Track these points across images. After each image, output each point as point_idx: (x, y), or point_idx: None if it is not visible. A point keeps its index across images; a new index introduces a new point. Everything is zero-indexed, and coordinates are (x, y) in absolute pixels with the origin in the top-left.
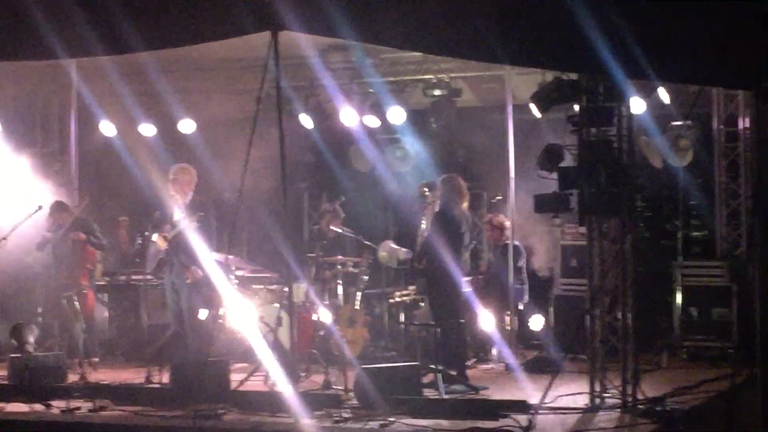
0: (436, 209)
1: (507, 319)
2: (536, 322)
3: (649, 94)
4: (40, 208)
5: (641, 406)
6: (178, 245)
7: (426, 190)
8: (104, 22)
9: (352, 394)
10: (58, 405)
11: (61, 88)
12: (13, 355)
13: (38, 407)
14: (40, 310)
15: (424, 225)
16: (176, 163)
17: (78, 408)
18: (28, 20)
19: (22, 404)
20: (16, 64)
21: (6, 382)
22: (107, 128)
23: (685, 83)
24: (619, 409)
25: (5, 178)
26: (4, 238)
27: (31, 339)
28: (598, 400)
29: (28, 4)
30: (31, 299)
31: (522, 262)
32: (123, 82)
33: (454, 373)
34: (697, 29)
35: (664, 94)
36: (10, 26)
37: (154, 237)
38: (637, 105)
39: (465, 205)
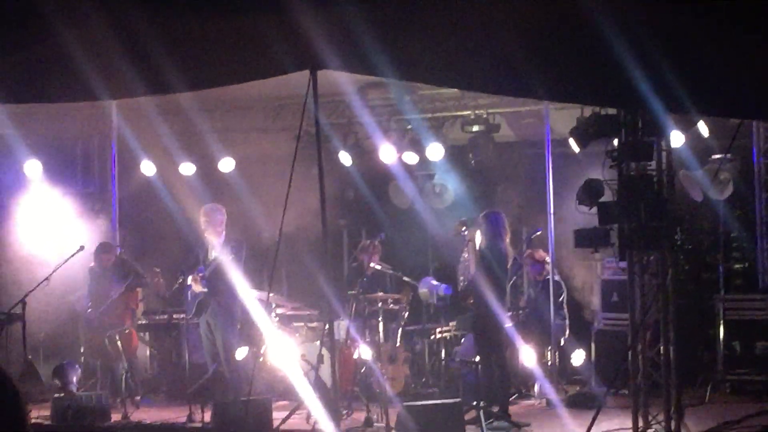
0: (477, 245)
1: (548, 354)
2: (578, 357)
3: (688, 127)
4: (81, 248)
5: None
6: (215, 285)
7: (464, 227)
8: (145, 63)
9: (394, 431)
10: None
11: (101, 128)
12: (56, 396)
13: None
14: (82, 349)
15: (464, 262)
16: (210, 203)
17: None
18: (70, 62)
19: None
20: (56, 104)
21: (49, 423)
22: (147, 168)
23: (724, 117)
24: None
25: (47, 219)
26: (46, 279)
27: (74, 379)
28: None
29: (70, 46)
30: (74, 339)
31: (563, 297)
32: (162, 122)
33: (496, 409)
34: (737, 62)
35: (703, 128)
36: (52, 68)
37: (189, 280)
38: (677, 138)
39: (508, 239)
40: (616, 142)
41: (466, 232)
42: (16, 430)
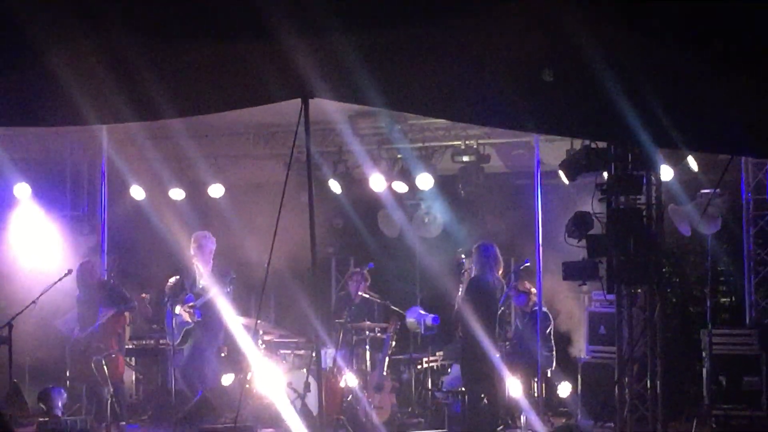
0: (471, 276)
1: (535, 385)
2: (564, 389)
3: (678, 162)
4: (69, 272)
5: None
6: (205, 315)
7: (463, 257)
8: (135, 89)
9: None
10: None
11: (91, 152)
12: (41, 419)
13: None
14: (68, 374)
15: (461, 292)
16: (202, 229)
17: None
18: (60, 86)
19: None
20: (46, 128)
21: None
22: (137, 192)
23: (714, 152)
24: None
25: (35, 242)
26: (33, 302)
27: (60, 403)
28: None
29: (60, 70)
30: (60, 363)
31: (550, 329)
32: (152, 146)
33: None
34: (727, 99)
35: (693, 162)
36: (42, 92)
37: (178, 310)
38: (666, 172)
39: (500, 271)
40: (605, 174)
41: (464, 261)
42: None
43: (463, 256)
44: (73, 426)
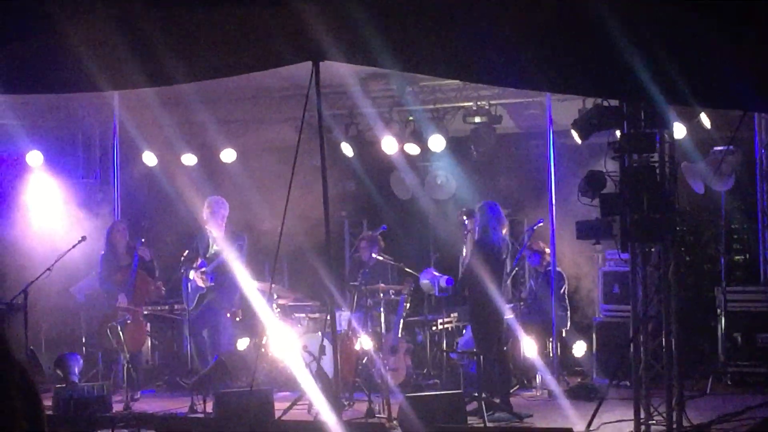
0: (476, 237)
1: (549, 345)
2: (579, 349)
3: (690, 119)
4: (83, 239)
5: None
6: (218, 280)
7: (465, 217)
8: (147, 54)
9: (396, 422)
10: None
11: (103, 119)
12: (57, 386)
13: None
14: (83, 340)
15: (464, 253)
16: (215, 194)
17: None
18: (72, 52)
19: None
20: (58, 95)
21: (51, 413)
22: (149, 158)
23: (727, 109)
24: None
25: (49, 209)
26: (48, 269)
27: (76, 370)
28: (643, 428)
29: (72, 36)
30: (75, 329)
31: (564, 289)
32: (164, 112)
33: (497, 400)
34: (739, 54)
35: (705, 119)
36: (54, 58)
37: (191, 275)
38: (679, 130)
39: (504, 231)
40: (618, 133)
41: (466, 221)
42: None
43: (464, 217)
44: (89, 392)
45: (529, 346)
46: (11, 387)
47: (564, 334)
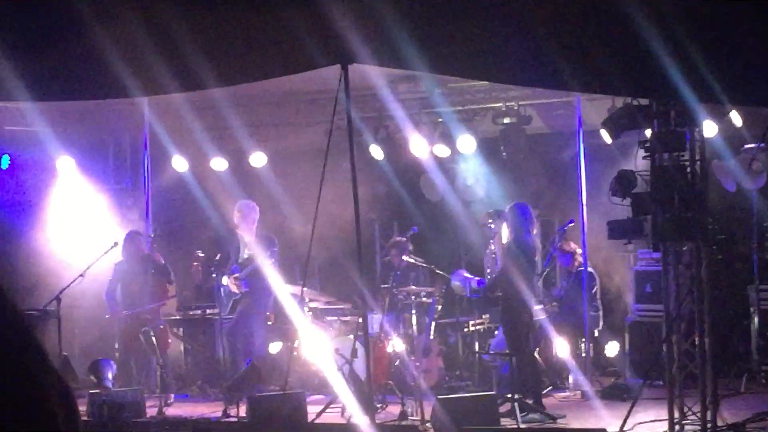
0: (504, 238)
1: (582, 346)
2: (612, 349)
3: (721, 117)
4: (115, 244)
5: None
6: (252, 285)
7: (491, 219)
8: (177, 60)
9: (428, 424)
10: None
11: (134, 124)
12: (92, 392)
13: None
14: (117, 345)
15: (490, 254)
16: (245, 198)
17: None
18: (103, 59)
19: None
20: (88, 102)
21: (85, 419)
22: (179, 163)
23: (757, 106)
24: None
25: (80, 215)
26: (80, 275)
27: (110, 375)
28: (677, 427)
29: (103, 43)
30: (109, 335)
31: (595, 289)
32: (194, 117)
33: (530, 401)
34: None
35: (736, 117)
36: (85, 65)
37: (225, 281)
38: (710, 128)
39: (535, 232)
40: (648, 132)
41: (493, 225)
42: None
43: (490, 220)
44: (123, 397)
45: (561, 347)
46: (50, 392)
47: (596, 335)
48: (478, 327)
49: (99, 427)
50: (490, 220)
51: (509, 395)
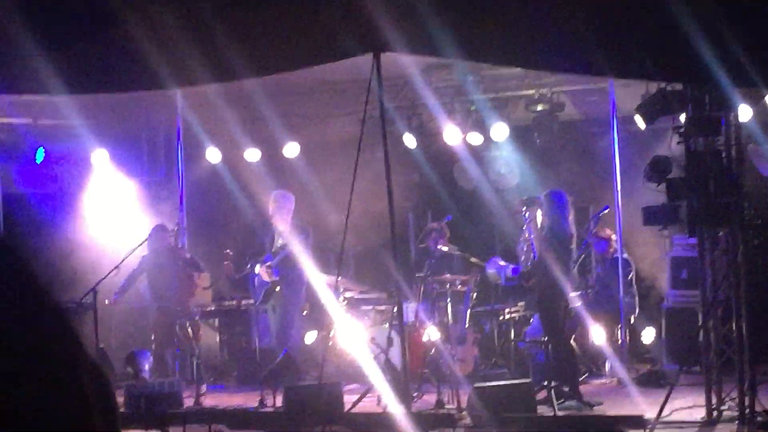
0: (538, 225)
1: (618, 332)
2: (648, 336)
3: (756, 101)
4: (150, 236)
5: (760, 418)
6: (284, 274)
7: (524, 207)
8: (210, 51)
9: (465, 413)
10: (174, 431)
11: (167, 116)
12: (129, 383)
13: None
14: (153, 337)
15: (524, 242)
16: (278, 189)
17: None
18: (136, 51)
19: (139, 431)
20: (120, 94)
21: (123, 410)
22: (212, 154)
23: None
24: (737, 422)
25: (115, 208)
26: (116, 268)
27: (146, 366)
28: (715, 413)
29: (136, 35)
30: (145, 327)
31: (631, 275)
32: (227, 108)
33: (567, 389)
34: None
35: None
36: (119, 59)
37: (257, 269)
38: (745, 112)
39: (571, 218)
40: (683, 117)
41: (527, 213)
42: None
43: (524, 208)
44: (160, 388)
45: (597, 334)
46: (86, 383)
47: (632, 321)
48: (513, 315)
49: (136, 418)
50: (524, 208)
51: (545, 383)
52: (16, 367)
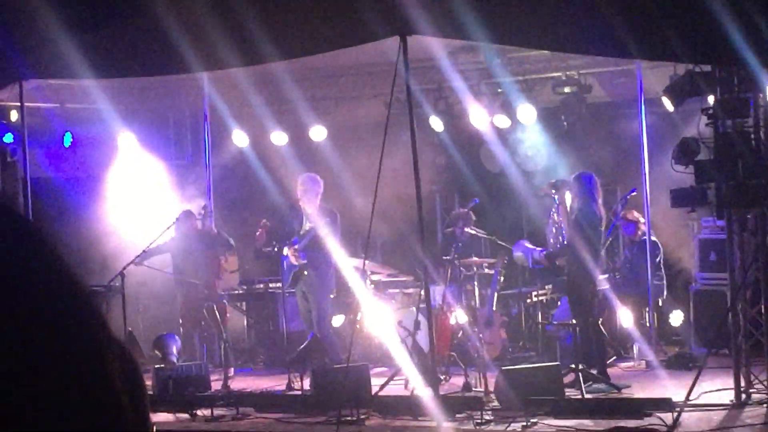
0: (567, 208)
1: (646, 315)
2: (676, 318)
3: None
4: (178, 220)
5: None
6: (311, 256)
7: (553, 190)
8: (238, 34)
9: (493, 396)
10: (202, 414)
11: (193, 100)
12: (157, 366)
13: (183, 417)
14: (180, 320)
15: (552, 224)
16: (306, 172)
17: (222, 416)
18: (164, 35)
19: (167, 414)
20: (147, 78)
21: (151, 393)
22: (239, 138)
23: None
24: (766, 405)
25: (142, 191)
26: (144, 251)
27: (174, 350)
28: (744, 396)
29: (163, 19)
30: (173, 310)
31: (659, 258)
32: (253, 92)
33: (594, 372)
34: None
35: None
36: (147, 43)
37: (285, 251)
38: None
39: (600, 201)
40: (711, 99)
41: (555, 195)
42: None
43: (553, 190)
44: (188, 371)
45: (625, 317)
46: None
47: (660, 304)
48: (540, 298)
49: (164, 401)
50: (553, 190)
51: (573, 365)
52: (42, 353)
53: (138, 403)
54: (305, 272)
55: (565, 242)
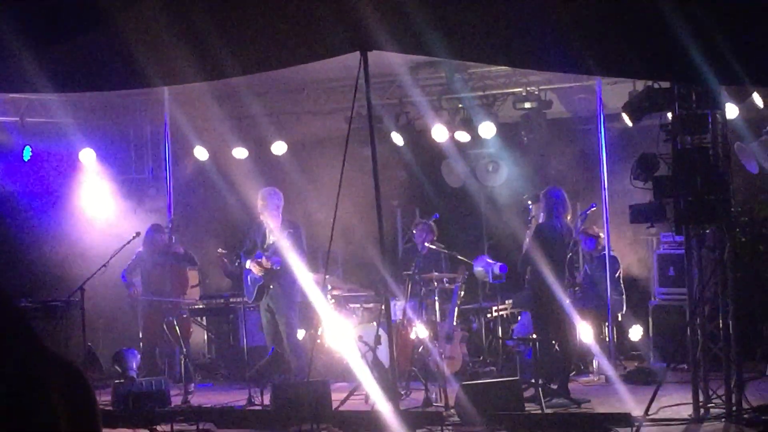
0: (539, 221)
1: (605, 330)
2: (635, 333)
3: (743, 99)
4: (137, 234)
5: (746, 416)
6: (275, 269)
7: (530, 203)
8: (198, 48)
9: (453, 410)
10: (162, 429)
11: (154, 114)
12: (116, 382)
13: None
14: (141, 335)
15: (528, 238)
16: (267, 186)
17: None
18: (124, 49)
19: (126, 430)
20: (109, 92)
21: (110, 408)
22: (200, 153)
23: None
24: (724, 419)
25: (102, 206)
26: (103, 266)
27: (134, 365)
28: (702, 410)
29: (124, 33)
30: (133, 325)
31: (618, 273)
32: (214, 106)
33: (554, 386)
34: None
35: (758, 99)
36: (107, 56)
37: (248, 264)
38: (731, 110)
39: (569, 217)
40: (669, 115)
41: (531, 207)
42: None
43: (529, 202)
44: (148, 386)
45: (585, 331)
46: (48, 383)
47: (620, 319)
48: (501, 312)
49: (124, 417)
50: (530, 202)
51: (533, 380)
52: None
53: (83, 420)
54: (271, 286)
55: (524, 252)
